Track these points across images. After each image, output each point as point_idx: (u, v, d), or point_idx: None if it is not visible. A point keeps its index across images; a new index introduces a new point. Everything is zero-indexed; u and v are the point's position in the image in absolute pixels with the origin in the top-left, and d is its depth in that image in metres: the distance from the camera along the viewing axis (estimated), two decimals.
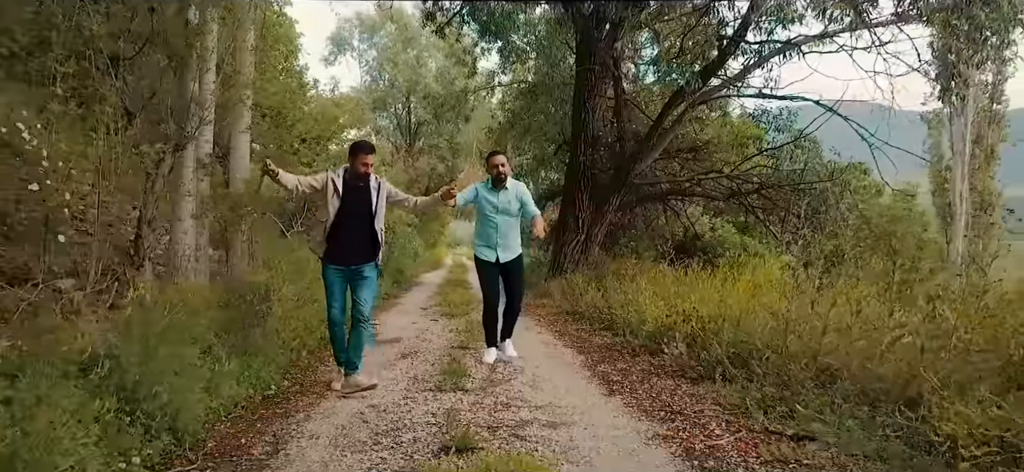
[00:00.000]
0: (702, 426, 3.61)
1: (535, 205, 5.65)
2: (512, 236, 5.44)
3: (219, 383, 3.72)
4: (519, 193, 5.49)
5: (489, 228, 5.40)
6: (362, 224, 4.46)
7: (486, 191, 5.41)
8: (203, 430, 3.29)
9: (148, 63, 6.78)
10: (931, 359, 3.20)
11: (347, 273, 4.46)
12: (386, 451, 3.16)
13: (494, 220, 5.35)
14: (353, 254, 4.43)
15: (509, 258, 5.41)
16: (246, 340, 4.71)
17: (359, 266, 4.45)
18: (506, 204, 5.37)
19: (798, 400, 3.69)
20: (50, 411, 2.23)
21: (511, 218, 5.41)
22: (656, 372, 5.06)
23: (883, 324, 4.11)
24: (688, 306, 5.82)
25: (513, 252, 5.44)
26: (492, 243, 5.38)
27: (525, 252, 7.40)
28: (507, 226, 5.39)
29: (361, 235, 4.46)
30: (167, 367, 3.26)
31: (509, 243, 5.42)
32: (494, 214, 5.35)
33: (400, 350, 6.10)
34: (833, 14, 7.71)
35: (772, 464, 2.99)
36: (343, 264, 4.44)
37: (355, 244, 4.44)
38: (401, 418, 3.74)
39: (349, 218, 4.42)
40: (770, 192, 12.32)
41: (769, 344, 4.45)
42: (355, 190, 4.46)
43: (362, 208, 4.45)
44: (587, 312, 8.30)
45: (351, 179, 4.48)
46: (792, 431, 3.37)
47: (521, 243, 5.62)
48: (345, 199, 4.40)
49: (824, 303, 4.58)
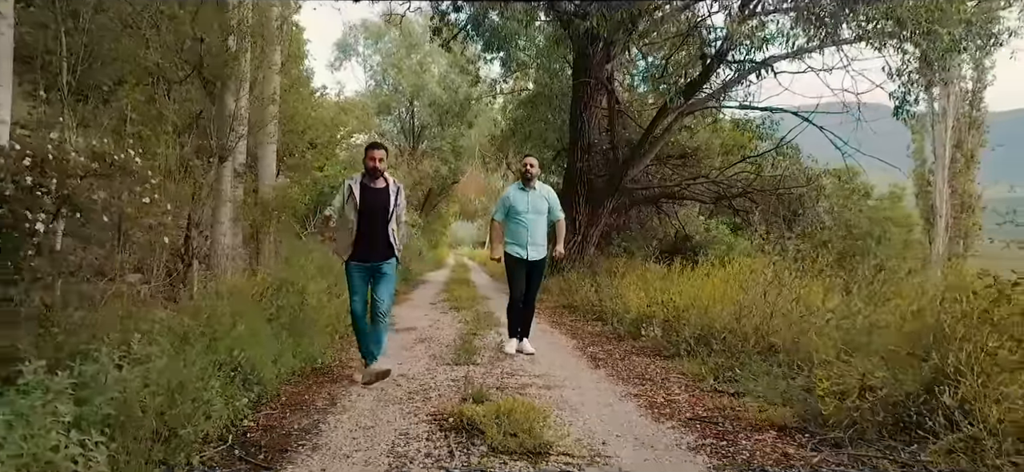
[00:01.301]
0: (665, 388, 4.57)
1: (561, 211, 6.03)
2: (541, 235, 5.80)
3: (281, 354, 4.66)
4: (547, 194, 5.89)
5: (520, 227, 5.75)
6: (381, 223, 4.67)
7: (517, 191, 5.84)
8: (276, 388, 4.24)
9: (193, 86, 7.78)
10: (833, 333, 4.13)
11: (368, 269, 4.71)
12: (419, 402, 4.11)
13: (524, 220, 5.72)
14: (373, 252, 4.67)
15: (537, 257, 5.79)
16: (293, 323, 5.65)
17: (379, 263, 4.70)
18: (536, 204, 5.77)
19: (742, 368, 4.64)
20: (189, 368, 3.18)
21: (540, 217, 5.79)
22: (636, 352, 6.01)
23: (817, 309, 5.06)
24: (665, 297, 6.77)
25: (541, 251, 5.81)
26: (523, 241, 5.74)
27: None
28: (536, 225, 5.75)
29: (380, 234, 4.67)
30: (246, 341, 4.22)
31: (537, 241, 5.78)
32: (525, 214, 5.72)
33: (417, 337, 7.04)
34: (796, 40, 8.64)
35: (712, 410, 3.94)
36: (364, 261, 4.69)
37: (375, 242, 4.66)
38: (427, 382, 4.69)
39: (369, 218, 4.64)
40: (754, 195, 13.27)
41: (726, 327, 5.40)
42: (372, 191, 4.69)
43: (379, 208, 4.68)
44: (581, 305, 9.24)
45: (367, 180, 4.72)
46: (733, 390, 4.33)
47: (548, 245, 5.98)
48: (363, 200, 4.64)
49: (772, 293, 5.53)
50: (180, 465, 2.76)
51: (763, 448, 3.24)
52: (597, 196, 13.24)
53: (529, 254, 5.73)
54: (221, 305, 4.97)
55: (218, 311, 4.65)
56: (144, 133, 6.14)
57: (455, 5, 13.82)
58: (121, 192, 4.55)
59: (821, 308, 5.01)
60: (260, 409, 3.82)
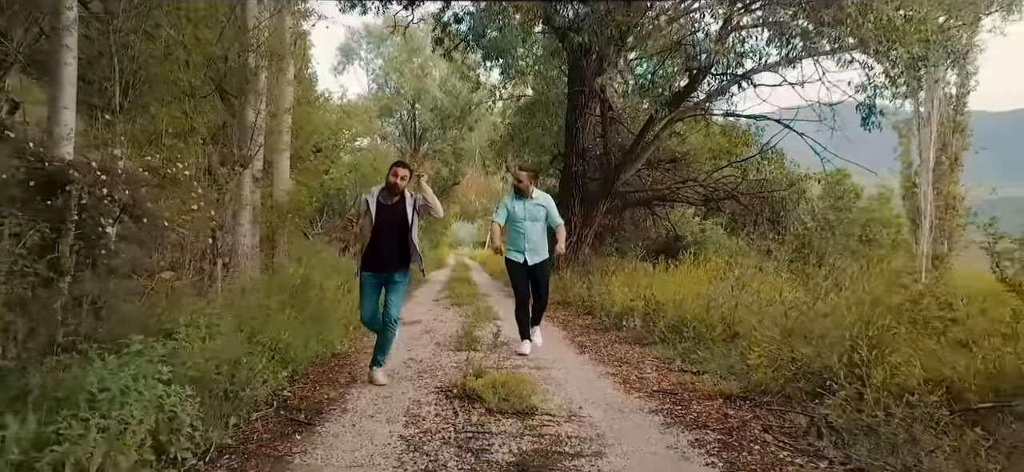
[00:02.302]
0: (639, 369, 5.31)
1: (559, 217, 6.26)
2: (539, 241, 6.04)
3: (308, 341, 5.40)
4: (544, 203, 6.14)
5: (518, 235, 6.05)
6: (396, 236, 4.87)
7: (513, 200, 6.15)
8: (306, 367, 4.98)
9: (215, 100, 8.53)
10: (780, 320, 4.86)
11: (380, 279, 4.92)
12: (428, 379, 4.85)
13: (521, 226, 6.01)
14: (387, 263, 4.87)
15: (536, 261, 6.02)
16: (315, 315, 6.38)
17: (391, 273, 4.89)
18: (532, 213, 6.03)
19: (706, 351, 5.37)
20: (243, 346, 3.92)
21: (537, 224, 6.03)
22: (618, 341, 6.75)
23: (774, 302, 5.79)
24: (647, 293, 7.50)
25: (540, 255, 6.04)
26: (520, 247, 6.03)
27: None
28: (533, 232, 6.00)
29: (395, 246, 4.87)
30: (283, 327, 4.96)
31: (536, 247, 6.01)
32: (522, 221, 6.02)
33: (423, 329, 7.77)
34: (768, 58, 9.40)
35: (675, 385, 4.68)
36: (377, 272, 4.91)
37: (389, 254, 4.87)
38: (434, 364, 5.43)
39: (384, 232, 4.86)
40: (740, 198, 14.02)
41: (697, 317, 6.14)
42: (388, 207, 4.90)
43: (396, 222, 4.88)
44: (574, 301, 9.98)
45: (384, 196, 4.94)
46: (696, 369, 5.07)
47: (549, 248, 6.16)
48: (379, 215, 4.88)
49: (738, 288, 6.27)
50: (243, 419, 3.49)
51: (709, 411, 3.98)
52: (591, 199, 13.98)
53: (528, 259, 6.00)
54: (255, 298, 5.73)
55: (252, 304, 5.40)
56: (179, 146, 6.88)
57: (456, 17, 14.58)
58: (171, 199, 5.29)
59: (777, 300, 5.75)
60: (295, 383, 4.56)
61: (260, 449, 3.23)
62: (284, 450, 3.23)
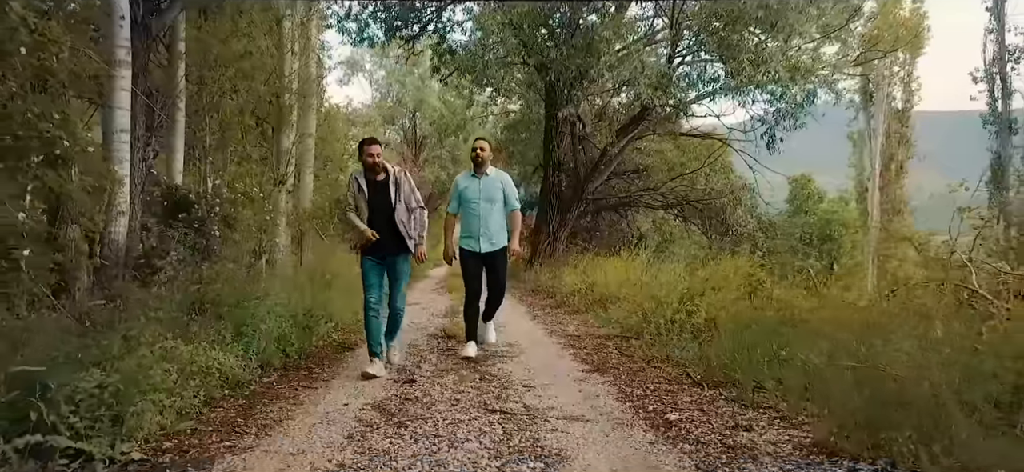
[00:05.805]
0: (563, 325, 7.86)
1: (518, 200, 5.51)
2: (495, 227, 5.28)
3: (342, 309, 7.89)
4: (503, 181, 5.38)
5: (471, 218, 5.29)
6: (387, 218, 4.75)
7: (466, 180, 5.39)
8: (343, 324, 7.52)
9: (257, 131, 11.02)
10: (652, 290, 7.36)
11: (382, 264, 4.88)
12: (415, 333, 7.39)
13: (476, 209, 5.24)
14: (385, 245, 4.77)
15: (492, 249, 5.29)
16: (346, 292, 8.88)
17: (392, 256, 4.85)
18: (488, 192, 5.26)
19: (611, 314, 7.89)
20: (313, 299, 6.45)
21: (494, 205, 5.27)
22: (563, 313, 9.28)
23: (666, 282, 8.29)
24: (590, 278, 10.02)
25: (496, 244, 5.30)
26: (475, 232, 5.26)
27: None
28: (490, 215, 5.24)
29: (389, 228, 4.75)
30: (331, 297, 7.48)
31: (492, 234, 5.26)
32: (476, 202, 5.25)
33: (421, 308, 10.30)
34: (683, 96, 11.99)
35: (581, 332, 7.20)
36: (377, 255, 4.85)
37: (385, 236, 4.76)
38: (427, 325, 7.97)
39: (377, 213, 4.77)
40: (694, 204, 16.61)
41: (615, 293, 8.66)
42: (376, 186, 4.79)
43: (383, 203, 4.77)
44: (541, 289, 12.51)
45: (369, 176, 4.81)
46: (599, 325, 7.60)
47: (507, 236, 5.44)
48: (370, 196, 4.79)
49: (651, 273, 8.80)
50: (314, 343, 6.03)
51: (592, 343, 6.51)
52: (565, 205, 16.54)
53: (482, 246, 5.28)
54: (305, 278, 8.27)
55: (303, 281, 7.94)
56: (240, 171, 9.41)
57: (449, 49, 17.11)
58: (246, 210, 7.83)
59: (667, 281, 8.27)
60: (338, 331, 7.09)
61: (326, 357, 5.76)
62: (339, 358, 5.76)
